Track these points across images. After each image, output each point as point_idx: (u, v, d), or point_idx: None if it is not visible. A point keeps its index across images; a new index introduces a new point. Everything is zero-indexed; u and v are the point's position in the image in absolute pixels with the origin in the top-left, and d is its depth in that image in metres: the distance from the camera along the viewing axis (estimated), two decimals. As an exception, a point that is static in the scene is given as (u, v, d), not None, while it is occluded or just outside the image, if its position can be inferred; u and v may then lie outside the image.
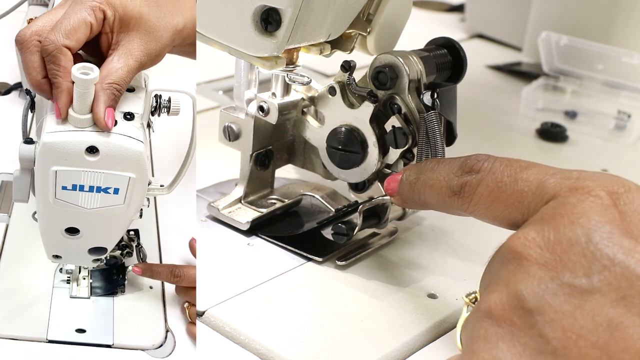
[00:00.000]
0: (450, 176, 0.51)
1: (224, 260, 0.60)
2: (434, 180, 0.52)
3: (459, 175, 0.50)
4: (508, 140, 0.88)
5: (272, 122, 0.62)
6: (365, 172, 0.61)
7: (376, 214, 0.61)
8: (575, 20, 1.03)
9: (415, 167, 0.55)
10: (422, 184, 0.53)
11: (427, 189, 0.53)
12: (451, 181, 0.51)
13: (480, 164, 0.49)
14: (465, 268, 0.62)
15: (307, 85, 0.62)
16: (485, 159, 0.50)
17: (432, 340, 0.54)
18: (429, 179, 0.52)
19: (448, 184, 0.51)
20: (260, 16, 0.54)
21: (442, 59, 0.61)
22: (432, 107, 0.57)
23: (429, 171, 0.53)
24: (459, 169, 0.50)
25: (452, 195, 0.50)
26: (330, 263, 0.61)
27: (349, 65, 0.60)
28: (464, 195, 0.50)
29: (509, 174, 0.48)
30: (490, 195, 0.48)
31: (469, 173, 0.50)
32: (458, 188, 0.50)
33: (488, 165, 0.49)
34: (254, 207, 0.64)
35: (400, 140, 0.58)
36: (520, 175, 0.47)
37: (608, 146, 0.89)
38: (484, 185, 0.49)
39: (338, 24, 0.58)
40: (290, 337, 0.52)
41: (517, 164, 0.48)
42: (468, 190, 0.49)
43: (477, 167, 0.49)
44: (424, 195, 0.53)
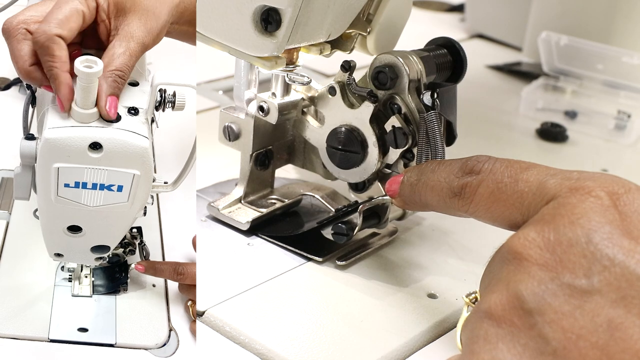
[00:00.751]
0: (451, 177, 0.51)
1: (224, 260, 0.60)
2: (435, 182, 0.52)
3: (459, 177, 0.50)
4: (508, 140, 0.88)
5: (272, 122, 0.62)
6: (365, 172, 0.61)
7: (376, 214, 0.61)
8: (575, 20, 1.03)
9: (416, 169, 0.55)
10: (423, 185, 0.53)
11: (427, 190, 0.53)
12: (452, 182, 0.51)
13: (481, 165, 0.49)
14: (465, 268, 0.62)
15: (307, 85, 0.62)
16: (485, 160, 0.50)
17: (432, 340, 0.54)
18: (430, 180, 0.52)
19: (449, 185, 0.51)
20: (260, 16, 0.54)
21: (442, 59, 0.61)
22: (432, 107, 0.57)
23: (429, 172, 0.53)
24: (459, 170, 0.51)
25: (453, 197, 0.50)
26: (330, 263, 0.61)
27: (349, 65, 0.60)
28: (464, 197, 0.50)
29: (509, 174, 0.48)
30: (490, 196, 0.48)
31: (470, 174, 0.50)
32: (458, 189, 0.50)
33: (488, 167, 0.49)
34: (254, 207, 0.64)
35: (400, 141, 0.59)
36: (520, 176, 0.47)
37: (608, 146, 0.89)
38: (484, 186, 0.49)
39: (338, 24, 0.59)
40: (290, 337, 0.53)
41: (517, 165, 0.48)
42: (468, 192, 0.49)
43: (477, 168, 0.50)
44: (425, 197, 0.53)
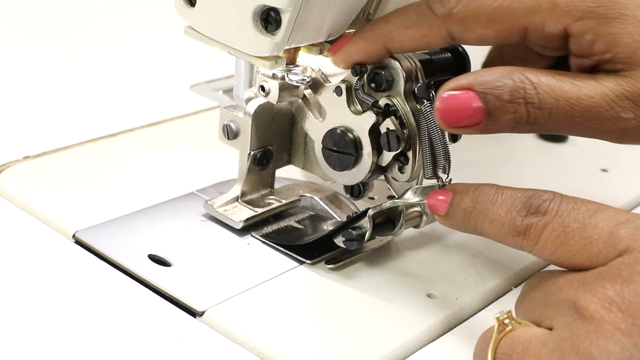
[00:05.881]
0: (513, 214, 0.49)
1: (224, 260, 0.60)
2: (495, 215, 0.50)
3: (523, 216, 0.49)
4: (508, 140, 0.88)
5: (273, 102, 0.61)
6: (355, 178, 0.61)
7: (390, 219, 0.60)
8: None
9: (468, 193, 0.52)
10: (480, 215, 0.51)
11: (486, 222, 0.51)
12: (514, 220, 0.49)
13: (547, 204, 0.48)
14: (465, 268, 0.62)
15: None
16: (550, 198, 0.48)
17: (432, 340, 0.54)
18: (489, 212, 0.50)
19: (511, 223, 0.49)
20: (260, 16, 0.54)
21: (444, 63, 0.60)
22: (429, 99, 0.56)
23: (488, 203, 0.51)
24: (522, 208, 0.49)
25: (516, 235, 0.49)
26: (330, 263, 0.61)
27: (360, 69, 0.59)
28: (528, 237, 0.48)
29: (577, 219, 0.47)
30: (556, 240, 0.47)
31: (535, 214, 0.48)
32: (522, 229, 0.48)
33: (554, 207, 0.48)
34: (251, 206, 0.64)
35: (393, 144, 0.58)
36: (588, 221, 0.46)
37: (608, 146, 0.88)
38: (550, 229, 0.47)
39: (338, 24, 0.58)
40: (290, 337, 0.52)
41: (584, 208, 0.47)
42: (533, 233, 0.48)
43: (543, 208, 0.48)
44: (482, 228, 0.51)
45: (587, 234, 0.46)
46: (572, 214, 0.47)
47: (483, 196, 0.51)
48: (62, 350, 0.50)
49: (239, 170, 0.65)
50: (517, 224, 0.49)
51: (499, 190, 0.51)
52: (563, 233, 0.47)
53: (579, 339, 0.41)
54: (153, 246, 0.60)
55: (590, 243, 0.45)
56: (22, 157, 0.71)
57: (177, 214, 0.65)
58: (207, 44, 0.58)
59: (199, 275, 0.58)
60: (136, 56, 0.97)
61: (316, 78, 0.62)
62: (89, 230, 0.61)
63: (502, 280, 0.61)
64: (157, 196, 0.67)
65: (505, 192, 0.51)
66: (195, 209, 0.66)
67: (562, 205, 0.48)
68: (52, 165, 0.70)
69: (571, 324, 0.42)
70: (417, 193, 0.58)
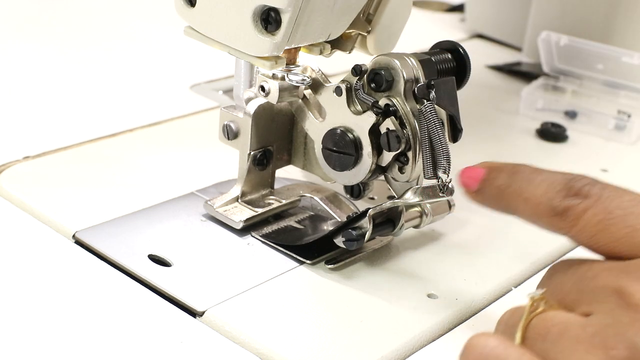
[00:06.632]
0: (552, 194, 0.48)
1: (224, 260, 0.60)
2: (531, 194, 0.49)
3: (562, 197, 0.47)
4: (508, 140, 0.88)
5: (273, 102, 0.61)
6: (355, 178, 0.61)
7: (389, 219, 0.60)
8: (575, 20, 1.03)
9: (504, 170, 0.51)
10: (515, 193, 0.49)
11: (520, 200, 0.49)
12: (552, 200, 0.47)
13: (588, 188, 0.47)
14: (465, 268, 0.62)
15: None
16: (592, 183, 0.47)
17: (432, 340, 0.54)
18: (525, 191, 0.49)
19: (548, 203, 0.48)
20: (260, 16, 0.54)
21: (444, 63, 0.60)
22: (428, 99, 0.56)
23: (524, 181, 0.49)
24: (563, 189, 0.47)
25: (554, 216, 0.47)
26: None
27: (360, 69, 0.59)
28: (567, 219, 0.47)
29: (620, 206, 0.46)
30: (598, 225, 0.46)
31: (576, 196, 0.47)
32: (560, 210, 0.47)
33: (597, 191, 0.46)
34: (251, 206, 0.64)
35: (393, 144, 0.58)
36: (632, 209, 0.45)
37: (608, 146, 0.89)
38: (591, 213, 0.46)
39: (338, 24, 0.58)
40: (290, 337, 0.52)
41: (627, 197, 0.46)
42: (572, 215, 0.47)
43: (584, 191, 0.47)
44: (516, 206, 0.50)
45: (629, 222, 0.45)
46: (616, 201, 0.46)
47: (519, 175, 0.50)
48: (62, 350, 0.50)
49: (239, 170, 0.65)
50: (554, 204, 0.47)
51: (537, 170, 0.50)
52: (605, 219, 0.46)
53: (623, 327, 0.41)
54: (153, 246, 0.60)
55: (633, 232, 0.45)
56: (22, 157, 0.71)
57: (177, 214, 0.65)
58: (207, 44, 0.58)
59: (199, 276, 0.58)
60: (136, 56, 0.97)
61: (316, 78, 0.62)
62: (89, 230, 0.61)
63: (502, 281, 0.61)
64: (157, 196, 0.67)
65: (543, 173, 0.49)
66: (195, 209, 0.66)
67: (605, 192, 0.46)
68: (52, 165, 0.71)
69: (614, 311, 0.42)
70: (417, 193, 0.58)
